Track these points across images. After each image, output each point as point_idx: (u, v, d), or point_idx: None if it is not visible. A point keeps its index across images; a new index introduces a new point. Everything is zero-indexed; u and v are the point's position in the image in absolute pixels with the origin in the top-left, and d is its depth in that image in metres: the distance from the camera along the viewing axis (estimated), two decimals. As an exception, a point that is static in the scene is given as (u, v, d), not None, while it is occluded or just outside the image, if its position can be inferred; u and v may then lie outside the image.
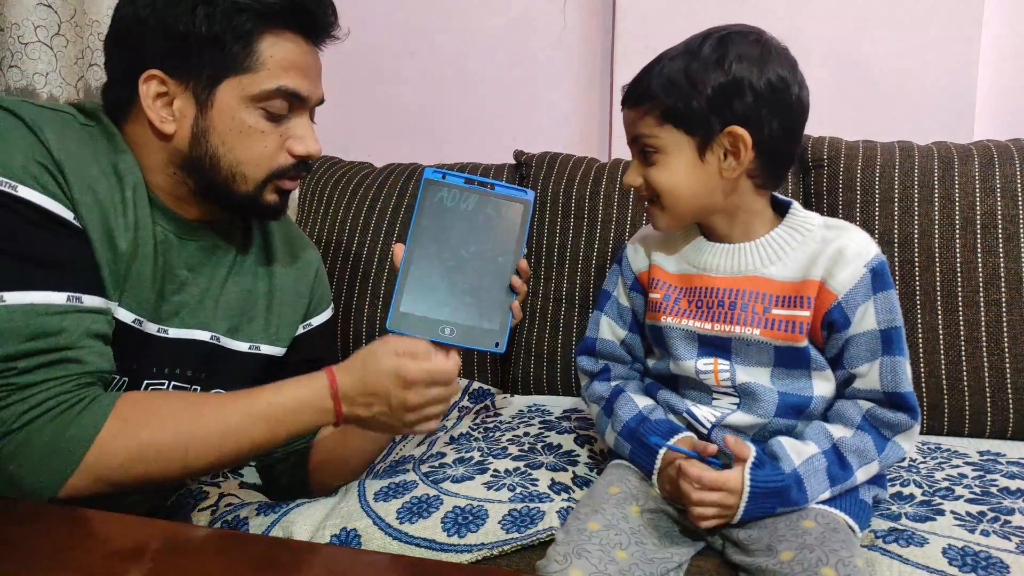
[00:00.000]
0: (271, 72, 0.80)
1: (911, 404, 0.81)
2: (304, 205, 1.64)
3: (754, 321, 0.84)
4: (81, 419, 0.69)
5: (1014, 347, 1.11)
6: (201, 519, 0.94)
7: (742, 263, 0.86)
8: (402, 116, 1.83)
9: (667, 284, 0.91)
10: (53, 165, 0.73)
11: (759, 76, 0.80)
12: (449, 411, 1.32)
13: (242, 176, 0.82)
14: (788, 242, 0.85)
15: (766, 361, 0.85)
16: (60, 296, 0.71)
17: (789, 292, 0.83)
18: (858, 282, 0.80)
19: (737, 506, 0.77)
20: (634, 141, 0.87)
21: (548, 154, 1.50)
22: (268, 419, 0.76)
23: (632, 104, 0.86)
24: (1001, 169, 1.17)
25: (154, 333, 0.83)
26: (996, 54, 1.45)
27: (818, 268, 0.82)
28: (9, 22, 1.38)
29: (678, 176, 0.83)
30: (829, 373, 0.85)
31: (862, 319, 0.81)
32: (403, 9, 1.80)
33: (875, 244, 0.84)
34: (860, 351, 0.82)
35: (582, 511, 0.81)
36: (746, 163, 0.82)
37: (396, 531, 0.83)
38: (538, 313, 1.41)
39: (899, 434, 0.82)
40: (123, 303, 0.79)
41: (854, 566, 0.70)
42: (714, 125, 0.81)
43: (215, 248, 0.90)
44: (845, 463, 0.80)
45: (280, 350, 0.96)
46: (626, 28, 1.61)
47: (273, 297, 0.96)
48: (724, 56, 0.81)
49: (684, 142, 0.82)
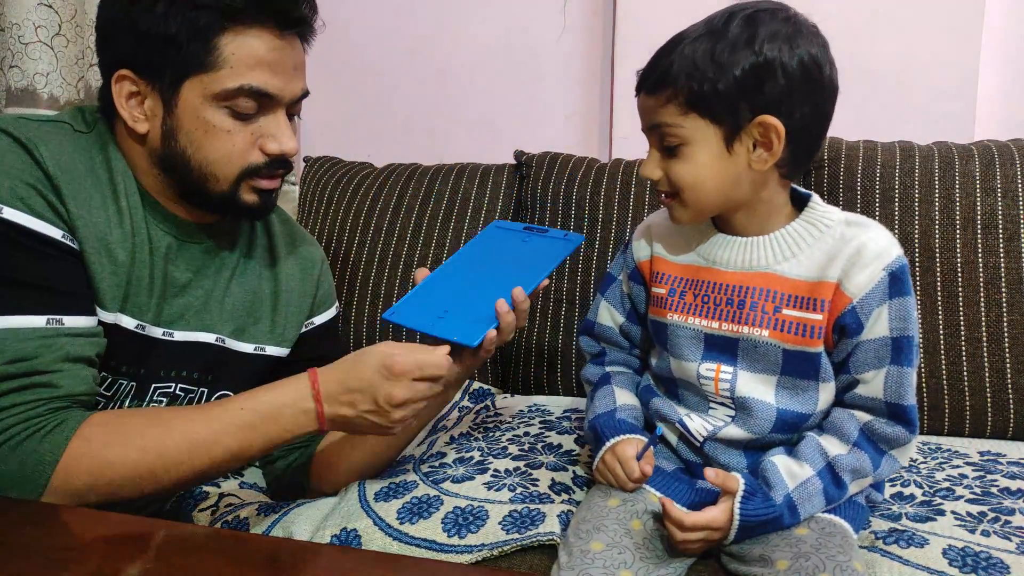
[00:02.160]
0: (234, 70, 0.77)
1: (911, 418, 0.76)
2: (304, 205, 1.64)
3: (763, 321, 0.79)
4: (45, 442, 0.69)
5: (1015, 347, 1.11)
6: (201, 519, 0.94)
7: (755, 258, 0.81)
8: (402, 116, 1.83)
9: (672, 277, 0.86)
10: (47, 182, 0.73)
11: (791, 56, 0.73)
12: (449, 411, 1.32)
13: (213, 176, 0.81)
14: (804, 237, 0.79)
15: (773, 368, 0.80)
16: (39, 320, 0.71)
17: (803, 292, 0.78)
18: (875, 286, 0.75)
19: (726, 536, 0.75)
20: (652, 130, 0.79)
21: (548, 154, 1.50)
22: (242, 427, 0.75)
23: (650, 90, 0.78)
24: (1001, 169, 1.16)
25: (160, 337, 0.83)
26: (996, 54, 1.44)
27: (835, 268, 0.76)
28: (9, 22, 1.38)
29: (703, 169, 0.76)
30: (833, 385, 0.80)
31: (874, 324, 0.76)
32: (403, 9, 1.80)
33: (897, 245, 0.78)
34: (868, 357, 0.76)
35: (583, 528, 0.79)
36: (778, 154, 0.75)
37: (396, 531, 0.83)
38: (538, 313, 1.41)
39: (896, 448, 0.78)
40: (125, 311, 0.80)
41: (852, 570, 0.69)
42: (744, 112, 0.74)
43: (218, 250, 0.90)
44: (840, 482, 0.76)
45: (284, 351, 0.96)
46: (626, 28, 1.61)
47: (279, 298, 0.96)
48: (754, 36, 0.73)
49: (710, 132, 0.75)
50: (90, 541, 0.60)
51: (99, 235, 0.76)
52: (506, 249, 0.91)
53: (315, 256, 1.03)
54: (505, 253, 0.90)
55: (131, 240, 0.79)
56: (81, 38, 1.49)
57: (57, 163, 0.74)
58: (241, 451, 0.75)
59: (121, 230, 0.79)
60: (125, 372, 0.81)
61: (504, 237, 0.93)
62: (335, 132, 1.78)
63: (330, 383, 0.76)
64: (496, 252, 0.90)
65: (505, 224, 0.95)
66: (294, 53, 0.82)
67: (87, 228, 0.75)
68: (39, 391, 0.70)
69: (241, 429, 0.75)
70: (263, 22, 0.78)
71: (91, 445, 0.70)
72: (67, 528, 0.62)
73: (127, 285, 0.79)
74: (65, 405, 0.72)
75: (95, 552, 0.57)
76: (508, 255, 0.90)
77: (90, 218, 0.76)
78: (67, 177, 0.75)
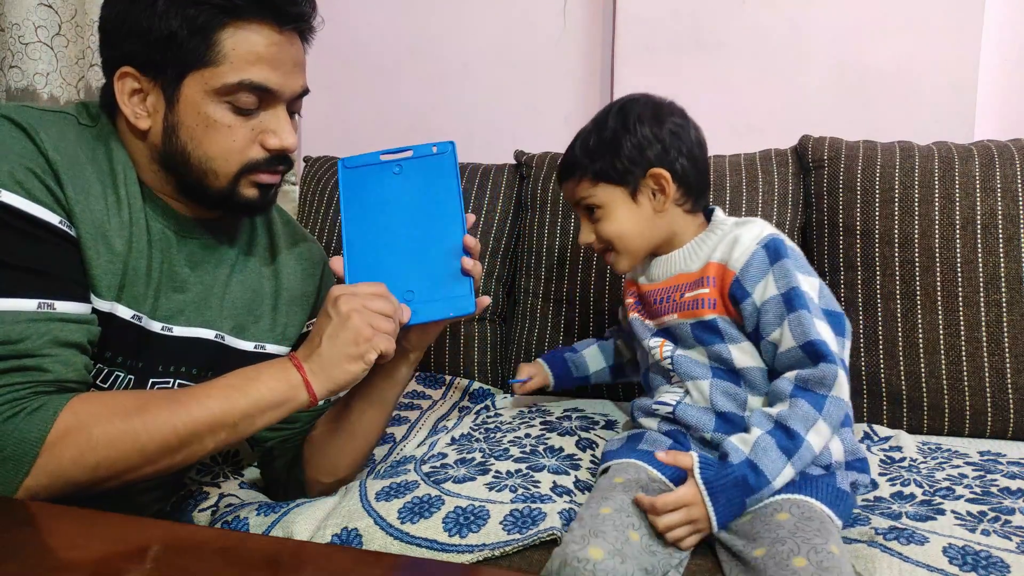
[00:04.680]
0: (234, 65, 0.78)
1: (824, 351, 0.85)
2: (304, 205, 1.64)
3: (674, 308, 0.98)
4: (29, 421, 0.68)
5: (1014, 347, 1.11)
6: (201, 519, 0.94)
7: (671, 267, 1.01)
8: (402, 116, 1.84)
9: (633, 291, 1.08)
10: (46, 167, 0.73)
11: (659, 127, 0.97)
12: (449, 411, 1.32)
13: (212, 172, 0.81)
14: (705, 242, 0.99)
15: (690, 342, 0.97)
16: (31, 303, 0.71)
17: (696, 277, 0.97)
18: (751, 257, 0.91)
19: (707, 515, 0.79)
20: (576, 205, 1.04)
21: (548, 154, 1.50)
22: (223, 387, 0.76)
23: (567, 178, 1.03)
24: (1001, 169, 1.17)
25: (158, 331, 0.83)
26: (996, 54, 1.45)
27: (719, 252, 0.95)
28: (9, 22, 1.38)
29: (622, 222, 0.99)
30: (746, 345, 0.93)
31: (765, 290, 0.90)
32: (404, 9, 1.80)
33: (774, 230, 0.95)
34: (770, 318, 0.89)
35: (592, 500, 0.84)
36: (672, 195, 0.98)
37: (397, 531, 0.83)
38: (538, 313, 1.41)
39: (830, 387, 0.84)
40: (122, 300, 0.79)
41: (827, 552, 0.71)
42: (637, 173, 0.97)
43: (217, 246, 0.90)
44: (791, 432, 0.82)
45: (285, 349, 0.96)
46: (626, 28, 1.62)
47: (280, 296, 0.96)
48: (627, 121, 0.98)
49: (618, 193, 0.99)
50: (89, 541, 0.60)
51: (97, 223, 0.76)
52: (388, 189, 0.85)
53: (317, 256, 1.03)
54: (392, 195, 0.85)
55: (129, 229, 0.79)
56: (81, 38, 1.49)
57: (57, 149, 0.74)
58: (224, 415, 0.75)
59: (119, 219, 0.79)
60: (122, 364, 0.81)
61: (371, 176, 0.85)
62: (335, 132, 1.78)
63: (303, 348, 0.81)
64: (382, 198, 0.84)
65: (354, 161, 0.85)
66: (293, 50, 0.83)
67: (85, 215, 0.75)
68: (28, 374, 0.70)
69: (222, 389, 0.76)
70: (262, 17, 0.79)
71: (78, 420, 0.70)
72: (66, 528, 0.61)
73: (123, 275, 0.79)
74: (51, 390, 0.71)
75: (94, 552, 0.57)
76: (399, 196, 0.85)
77: (88, 205, 0.76)
78: (67, 164, 0.75)
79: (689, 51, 1.59)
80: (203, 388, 0.76)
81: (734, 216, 1.07)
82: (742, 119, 1.57)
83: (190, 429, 0.73)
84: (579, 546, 0.74)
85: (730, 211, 1.31)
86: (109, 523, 0.63)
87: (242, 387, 0.76)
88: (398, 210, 0.85)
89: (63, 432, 0.69)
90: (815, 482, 0.83)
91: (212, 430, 0.75)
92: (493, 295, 1.48)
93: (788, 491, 0.82)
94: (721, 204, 1.32)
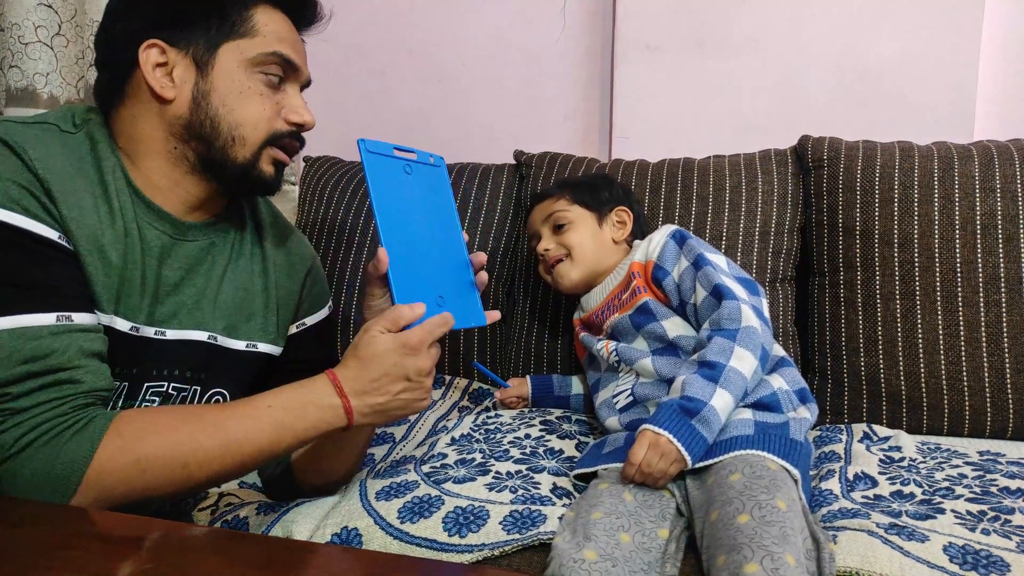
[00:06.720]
0: (267, 39, 0.84)
1: (728, 292, 0.98)
2: (304, 205, 1.64)
3: (615, 310, 1.13)
4: (77, 440, 0.69)
5: (1014, 347, 1.11)
6: (201, 519, 0.94)
7: (604, 290, 1.18)
8: (401, 116, 1.84)
9: (580, 325, 1.24)
10: (38, 185, 0.73)
11: (630, 194, 1.29)
12: (449, 411, 1.32)
13: (241, 138, 0.84)
14: (632, 256, 1.16)
15: (631, 332, 1.09)
16: (49, 317, 0.71)
17: (625, 281, 1.14)
18: (664, 247, 1.11)
19: (672, 445, 0.85)
20: (547, 220, 1.22)
21: (548, 154, 1.50)
22: (272, 424, 0.76)
23: (546, 196, 1.25)
24: (1001, 169, 1.17)
25: (152, 336, 0.83)
26: (996, 54, 1.45)
27: (637, 254, 1.15)
28: (9, 22, 1.38)
29: (585, 236, 1.20)
30: (676, 318, 1.07)
31: (679, 266, 1.08)
32: (403, 9, 1.80)
33: (678, 226, 1.15)
34: (687, 284, 1.05)
35: (582, 505, 0.85)
36: (628, 230, 1.22)
37: (397, 531, 0.83)
38: (538, 314, 1.41)
39: (738, 320, 0.96)
40: (120, 313, 0.79)
41: (772, 507, 0.72)
42: (608, 208, 1.22)
43: (210, 247, 0.90)
44: (711, 363, 0.92)
45: (277, 348, 0.96)
46: (626, 28, 1.62)
47: (270, 295, 0.96)
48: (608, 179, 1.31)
49: (588, 216, 1.21)
50: (89, 540, 0.60)
51: (92, 237, 0.76)
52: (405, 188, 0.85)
53: (304, 254, 1.03)
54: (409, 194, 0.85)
55: (123, 241, 0.79)
56: (81, 38, 1.49)
57: (46, 166, 0.74)
58: (271, 449, 0.77)
59: (113, 231, 0.79)
60: (118, 373, 0.81)
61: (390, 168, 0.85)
62: (335, 132, 1.77)
63: (351, 380, 0.79)
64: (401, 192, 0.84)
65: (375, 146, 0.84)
66: (302, 46, 0.91)
67: (80, 230, 0.75)
68: (64, 388, 0.70)
69: (271, 426, 0.76)
70: (284, 9, 0.88)
71: (124, 440, 0.70)
72: (66, 528, 0.61)
73: (120, 287, 0.79)
74: (89, 402, 0.72)
75: (94, 551, 0.57)
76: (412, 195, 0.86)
77: (82, 220, 0.76)
78: (57, 180, 0.75)
79: (689, 51, 1.59)
80: (253, 421, 0.76)
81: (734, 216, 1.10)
82: (742, 119, 1.57)
83: (237, 461, 0.75)
84: (573, 549, 0.75)
85: (730, 211, 1.31)
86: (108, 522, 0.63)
87: (292, 425, 0.77)
88: (416, 211, 0.86)
89: (111, 452, 0.70)
90: (767, 436, 0.88)
91: (256, 461, 0.77)
92: (493, 295, 1.48)
93: (743, 446, 0.86)
94: (721, 204, 1.32)
